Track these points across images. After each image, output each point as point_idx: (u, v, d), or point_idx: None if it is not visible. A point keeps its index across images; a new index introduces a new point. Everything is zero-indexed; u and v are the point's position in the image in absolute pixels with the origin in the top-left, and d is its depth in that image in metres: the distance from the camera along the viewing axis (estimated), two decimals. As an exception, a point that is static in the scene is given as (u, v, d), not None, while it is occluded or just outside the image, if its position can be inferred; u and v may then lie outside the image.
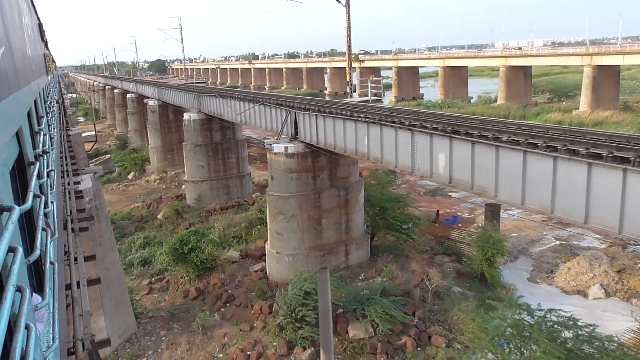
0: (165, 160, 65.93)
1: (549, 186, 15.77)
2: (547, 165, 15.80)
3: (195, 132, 47.56)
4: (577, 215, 15.06)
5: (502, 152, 17.41)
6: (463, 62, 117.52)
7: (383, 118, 22.95)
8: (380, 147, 23.23)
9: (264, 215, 42.34)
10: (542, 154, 15.93)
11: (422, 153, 20.72)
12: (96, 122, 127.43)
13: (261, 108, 34.12)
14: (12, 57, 4.87)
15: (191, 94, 49.44)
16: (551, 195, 15.75)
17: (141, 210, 50.82)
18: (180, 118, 65.50)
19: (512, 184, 17.24)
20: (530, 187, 16.60)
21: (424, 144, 20.69)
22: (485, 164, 18.25)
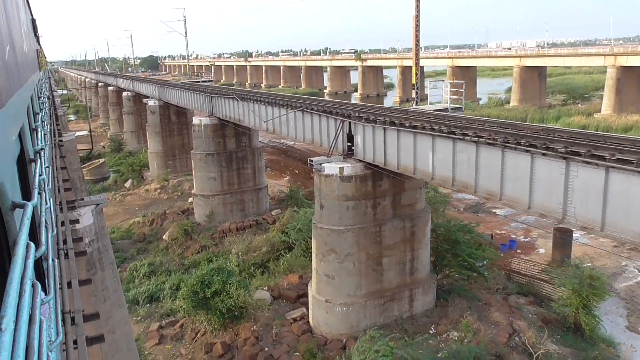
0: (166, 166, 58.93)
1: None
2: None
3: (206, 139, 40.72)
4: None
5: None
6: (473, 62, 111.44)
7: (477, 133, 16.54)
8: (476, 172, 16.75)
9: (288, 239, 35.80)
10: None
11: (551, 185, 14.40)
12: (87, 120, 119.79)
13: (298, 115, 27.44)
14: (16, 55, 4.98)
15: (201, 94, 42.55)
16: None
17: (142, 227, 43.87)
18: (183, 120, 58.73)
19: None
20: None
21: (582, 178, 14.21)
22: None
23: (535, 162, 14.48)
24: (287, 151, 67.03)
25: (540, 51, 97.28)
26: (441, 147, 18.07)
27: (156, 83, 60.24)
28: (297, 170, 56.75)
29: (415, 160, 19.40)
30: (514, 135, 15.30)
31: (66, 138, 37.45)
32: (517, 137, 15.14)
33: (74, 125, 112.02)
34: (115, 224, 47.06)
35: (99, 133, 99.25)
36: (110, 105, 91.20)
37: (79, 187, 39.41)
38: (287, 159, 62.63)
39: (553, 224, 38.52)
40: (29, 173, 4.93)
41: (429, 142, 18.52)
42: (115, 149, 76.16)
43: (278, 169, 59.06)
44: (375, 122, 21.29)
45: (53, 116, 33.70)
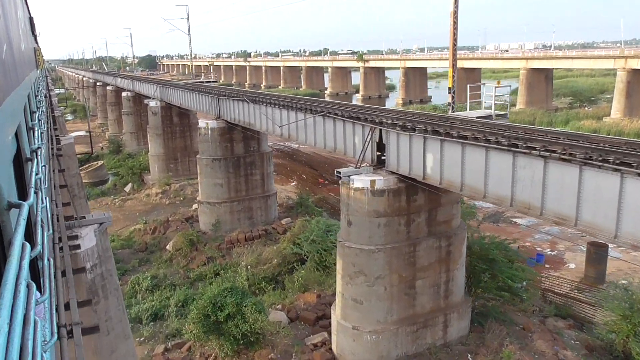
0: (167, 170, 56.38)
1: None
2: None
3: (213, 143, 38.21)
4: None
5: None
6: (478, 63, 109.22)
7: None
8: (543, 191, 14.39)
9: (300, 250, 33.41)
10: None
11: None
12: (85, 121, 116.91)
13: (319, 121, 25.01)
14: (13, 53, 4.93)
15: (207, 96, 40.04)
16: None
17: (144, 235, 41.34)
18: (186, 122, 56.22)
19: None
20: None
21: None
22: None
23: (626, 183, 12.10)
24: (292, 155, 64.57)
25: (547, 53, 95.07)
26: (497, 162, 15.69)
27: (157, 83, 57.70)
28: (304, 175, 54.32)
29: (462, 175, 17.01)
30: (595, 150, 12.92)
31: (64, 141, 35.05)
32: (600, 152, 12.76)
33: (72, 125, 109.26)
34: (115, 231, 44.49)
35: (97, 133, 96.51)
36: (109, 105, 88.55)
37: (77, 194, 36.80)
38: (293, 163, 60.17)
39: (581, 235, 36.40)
40: (26, 172, 4.98)
41: (482, 156, 16.13)
42: (114, 151, 73.51)
43: (284, 173, 56.58)
44: (414, 130, 18.87)
45: (50, 118, 31.39)
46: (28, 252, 2.47)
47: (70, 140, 35.56)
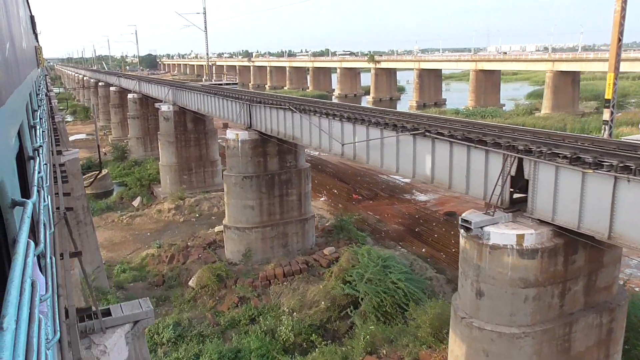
0: (180, 182, 49.90)
1: None
2: None
3: (244, 157, 31.77)
4: None
5: None
6: (499, 65, 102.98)
7: None
8: None
9: (353, 292, 27.10)
10: None
11: None
12: (86, 122, 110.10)
13: (406, 141, 18.63)
14: (15, 52, 4.92)
15: (236, 102, 33.61)
16: None
17: (159, 263, 34.86)
18: (201, 129, 49.78)
19: None
20: None
21: None
22: None
23: None
24: (317, 165, 58.14)
25: (578, 55, 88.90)
26: None
27: (170, 85, 51.16)
28: (335, 190, 47.90)
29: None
30: None
31: (68, 156, 28.73)
32: None
33: (71, 127, 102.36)
34: (123, 256, 38.04)
35: (98, 137, 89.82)
36: (112, 107, 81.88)
37: (82, 220, 30.35)
38: (320, 174, 53.74)
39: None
40: (28, 170, 4.93)
41: None
42: (118, 157, 66.87)
43: (312, 187, 50.07)
44: (578, 161, 12.53)
45: (50, 125, 25.12)
46: (32, 249, 2.47)
47: (74, 155, 29.20)
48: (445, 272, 31.13)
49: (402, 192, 47.56)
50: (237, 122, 33.42)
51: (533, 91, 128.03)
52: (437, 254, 33.33)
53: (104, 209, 47.75)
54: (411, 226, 38.88)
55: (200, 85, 45.71)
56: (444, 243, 34.50)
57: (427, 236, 36.20)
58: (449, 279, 30.39)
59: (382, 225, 39.55)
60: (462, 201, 44.04)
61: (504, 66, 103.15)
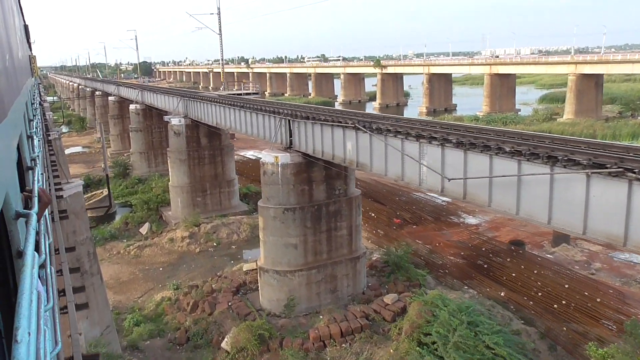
0: (193, 204, 43.50)
1: None
2: None
3: (285, 186, 25.49)
4: None
5: None
6: (516, 69, 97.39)
7: None
8: None
9: (435, 358, 20.97)
10: None
11: None
12: (82, 133, 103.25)
13: (578, 180, 12.45)
14: (13, 62, 4.86)
15: (272, 117, 27.36)
16: None
17: (178, 311, 28.44)
18: (216, 144, 43.43)
19: None
20: None
21: None
22: None
23: None
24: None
25: (604, 57, 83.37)
26: None
27: (180, 95, 44.77)
28: (372, 212, 41.60)
29: None
30: None
31: (69, 190, 22.65)
32: None
33: (66, 138, 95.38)
34: (134, 300, 31.65)
35: (96, 149, 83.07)
36: (111, 118, 75.28)
37: (88, 270, 24.18)
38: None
39: None
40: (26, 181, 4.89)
41: None
42: (120, 174, 60.25)
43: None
44: None
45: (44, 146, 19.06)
46: (37, 261, 2.47)
47: (77, 189, 22.81)
48: (534, 323, 24.99)
49: (448, 214, 41.42)
50: (274, 141, 27.16)
51: (545, 95, 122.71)
52: (518, 297, 27.15)
53: (107, 238, 41.21)
54: (472, 259, 32.73)
55: (217, 96, 39.41)
56: (523, 283, 28.35)
57: (498, 273, 30.03)
58: (542, 333, 24.26)
59: (437, 258, 33.36)
60: (518, 225, 37.99)
61: (521, 70, 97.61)
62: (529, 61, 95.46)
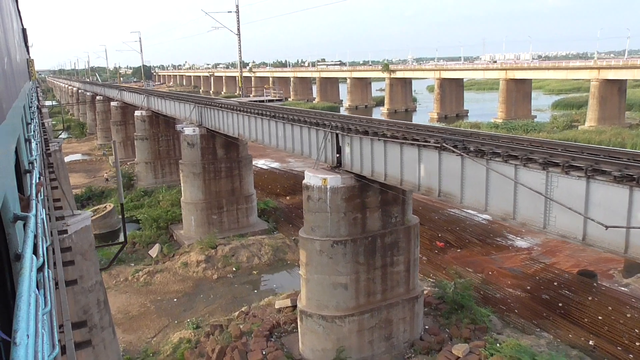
0: (208, 223, 38.86)
1: None
2: None
3: (335, 214, 20.87)
4: None
5: None
6: (533, 74, 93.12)
7: None
8: None
9: None
10: None
11: None
12: (82, 140, 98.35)
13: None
14: (12, 65, 4.87)
15: (315, 130, 22.78)
16: None
17: (199, 357, 23.78)
18: (234, 156, 38.84)
19: None
20: None
21: None
22: None
23: None
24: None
25: (630, 62, 79.17)
26: None
27: (194, 101, 40.09)
28: None
29: None
30: None
31: (75, 225, 18.18)
32: None
33: (65, 145, 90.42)
34: (146, 341, 26.94)
35: (96, 157, 78.31)
36: (113, 125, 70.46)
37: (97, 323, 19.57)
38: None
39: None
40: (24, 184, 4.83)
41: None
42: (123, 185, 55.44)
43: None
44: None
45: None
46: (35, 264, 2.47)
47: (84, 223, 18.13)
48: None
49: (494, 236, 36.84)
50: (318, 159, 22.57)
51: (559, 101, 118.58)
52: (609, 346, 22.57)
53: (113, 264, 36.40)
54: (536, 292, 28.15)
55: (237, 103, 34.79)
56: (610, 326, 23.78)
57: (575, 312, 25.45)
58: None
59: (493, 290, 28.77)
60: (576, 249, 33.50)
61: (539, 75, 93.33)
62: (548, 66, 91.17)
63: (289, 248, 37.58)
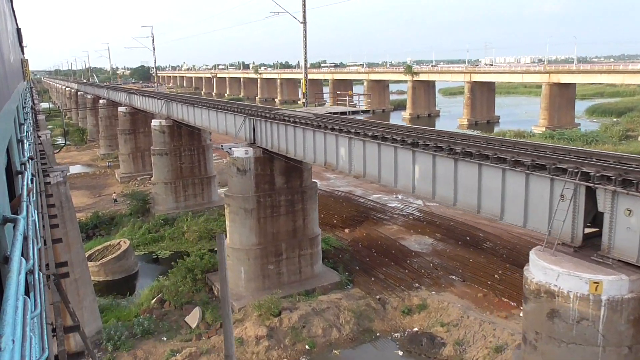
0: (263, 276, 28.36)
1: None
2: None
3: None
4: None
5: None
6: (583, 78, 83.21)
7: None
8: None
9: None
10: None
11: None
12: (82, 148, 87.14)
13: None
14: (4, 66, 4.74)
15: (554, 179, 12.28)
16: None
17: None
18: (296, 185, 28.78)
19: None
20: None
21: None
22: None
23: None
24: (440, 225, 36.91)
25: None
26: None
27: (245, 112, 29.43)
28: (496, 275, 26.53)
29: None
30: None
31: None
32: None
33: (64, 154, 79.53)
34: None
35: (101, 170, 67.18)
36: (121, 134, 59.59)
37: None
38: (454, 247, 32.46)
39: None
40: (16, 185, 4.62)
41: None
42: (137, 210, 44.80)
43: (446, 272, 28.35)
44: None
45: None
46: (24, 266, 2.38)
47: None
48: None
49: None
50: (560, 235, 12.12)
51: (595, 106, 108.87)
52: None
53: (136, 334, 25.74)
54: None
55: (313, 116, 24.38)
56: None
57: None
58: None
59: None
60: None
61: (589, 79, 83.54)
62: (601, 69, 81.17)
63: (375, 313, 27.12)
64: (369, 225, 38.92)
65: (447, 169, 15.57)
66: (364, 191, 48.52)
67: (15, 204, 3.96)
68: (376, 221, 39.60)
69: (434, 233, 36.24)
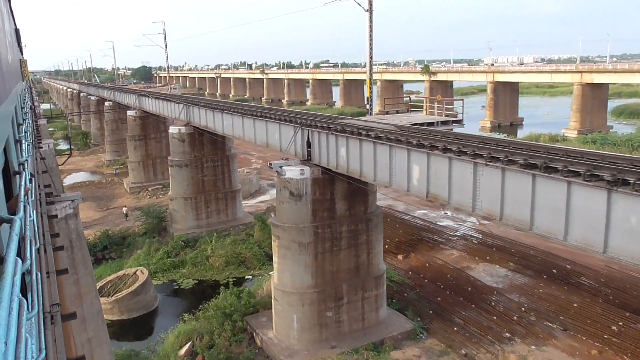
0: (320, 324, 22.53)
1: None
2: None
3: None
4: None
5: None
6: (619, 78, 77.58)
7: None
8: None
9: None
10: None
11: None
12: (86, 153, 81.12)
13: None
14: (2, 66, 4.72)
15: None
16: None
17: None
18: (360, 211, 23.18)
19: None
20: None
21: None
22: None
23: None
24: (510, 251, 31.09)
25: None
26: None
27: (296, 121, 23.56)
28: (614, 327, 20.89)
29: None
30: None
31: None
32: None
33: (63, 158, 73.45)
34: None
35: (108, 178, 61.13)
36: (130, 140, 53.68)
37: None
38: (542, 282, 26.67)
39: None
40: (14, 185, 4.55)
41: None
42: (152, 228, 38.89)
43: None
44: None
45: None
46: (20, 267, 2.33)
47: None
48: None
49: None
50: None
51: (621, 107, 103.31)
52: None
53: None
54: None
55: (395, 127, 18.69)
56: None
57: None
58: None
59: None
60: None
61: (625, 79, 77.86)
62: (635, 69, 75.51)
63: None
64: (424, 250, 33.11)
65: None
66: (406, 206, 42.71)
67: (13, 204, 3.83)
68: (432, 245, 33.77)
69: (506, 262, 30.42)
